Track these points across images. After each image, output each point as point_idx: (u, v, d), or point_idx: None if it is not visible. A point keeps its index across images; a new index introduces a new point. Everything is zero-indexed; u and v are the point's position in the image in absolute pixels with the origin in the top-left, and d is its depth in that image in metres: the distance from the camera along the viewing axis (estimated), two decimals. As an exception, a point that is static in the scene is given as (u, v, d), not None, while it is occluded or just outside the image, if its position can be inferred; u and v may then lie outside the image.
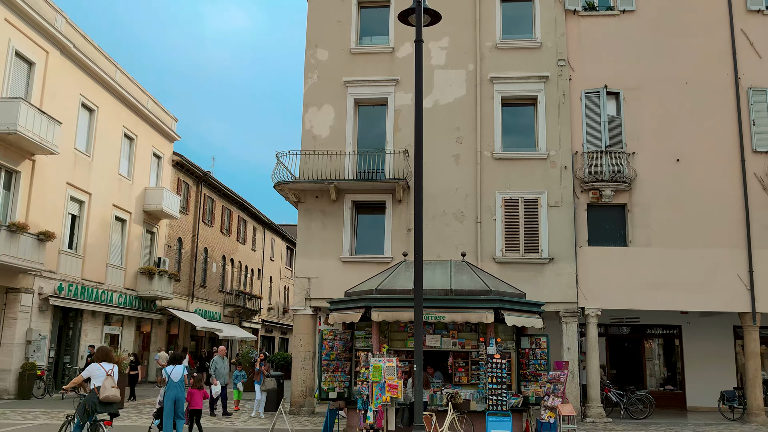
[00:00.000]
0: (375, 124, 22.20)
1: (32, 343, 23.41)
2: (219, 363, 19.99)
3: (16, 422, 16.68)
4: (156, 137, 34.44)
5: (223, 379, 19.79)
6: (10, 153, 22.47)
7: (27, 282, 23.44)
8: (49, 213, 24.75)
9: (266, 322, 53.00)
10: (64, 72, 25.72)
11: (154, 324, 34.72)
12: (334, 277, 20.74)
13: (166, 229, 35.56)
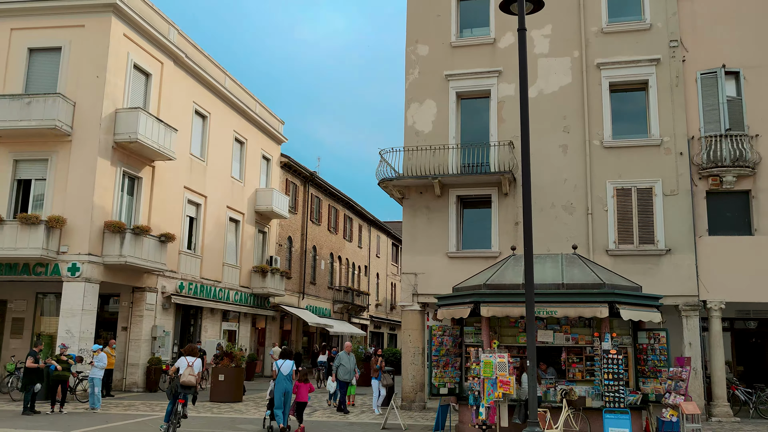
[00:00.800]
0: (478, 116, 21.96)
1: (157, 339, 24.79)
2: (345, 359, 19.47)
3: (145, 413, 17.73)
4: (264, 140, 35.61)
5: (350, 375, 19.44)
6: (132, 160, 23.88)
7: (151, 281, 24.85)
8: (169, 216, 26.12)
9: (374, 318, 53.70)
10: (178, 81, 27.04)
11: (269, 320, 35.95)
12: (440, 273, 20.69)
13: (276, 228, 36.70)
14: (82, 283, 21.24)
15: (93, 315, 21.68)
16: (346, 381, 19.39)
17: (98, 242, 21.91)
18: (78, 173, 21.88)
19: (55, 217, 21.15)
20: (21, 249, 20.78)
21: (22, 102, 21.64)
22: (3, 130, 21.82)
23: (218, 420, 16.92)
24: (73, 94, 22.35)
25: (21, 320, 24.66)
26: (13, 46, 23.09)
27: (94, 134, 22.10)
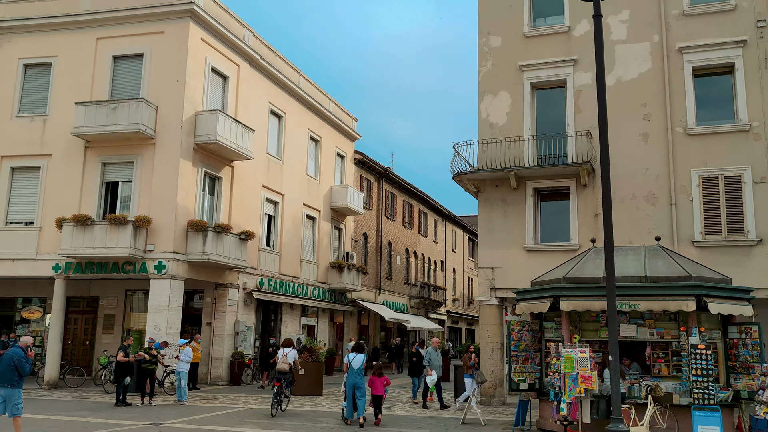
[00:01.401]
0: (553, 107, 21.51)
1: (240, 334, 25.48)
2: (433, 354, 19.11)
3: (230, 406, 18.26)
4: (338, 137, 36.00)
5: (439, 370, 19.11)
6: (212, 161, 24.60)
7: (233, 278, 25.56)
8: (248, 214, 26.78)
9: (452, 314, 53.50)
10: (253, 83, 27.66)
11: (346, 315, 36.38)
12: (518, 267, 20.40)
13: (351, 224, 37.07)
14: (168, 280, 22.06)
15: (179, 311, 22.48)
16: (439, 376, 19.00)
17: (182, 241, 22.69)
18: (162, 174, 22.70)
19: (142, 218, 22.02)
20: (111, 248, 21.74)
21: (108, 108, 22.61)
22: (92, 135, 22.87)
23: (299, 413, 17.25)
24: (155, 98, 23.19)
25: (112, 316, 25.87)
26: (99, 55, 24.15)
27: (175, 136, 22.88)
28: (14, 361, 11.51)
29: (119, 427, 14.01)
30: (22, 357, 11.59)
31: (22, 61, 24.77)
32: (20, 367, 11.46)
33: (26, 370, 11.58)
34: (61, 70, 24.37)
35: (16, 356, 11.56)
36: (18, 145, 24.10)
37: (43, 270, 23.16)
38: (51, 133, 23.91)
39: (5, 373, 11.47)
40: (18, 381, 11.51)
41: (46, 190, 23.65)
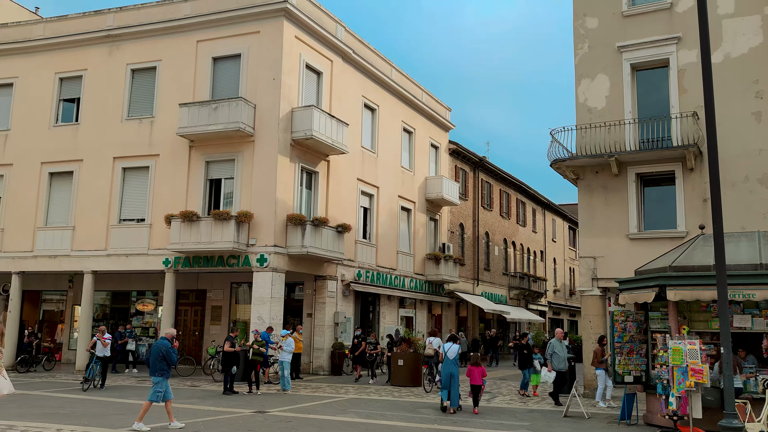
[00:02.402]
0: (656, 88, 20.54)
1: (339, 325, 25.95)
2: (557, 346, 17.86)
3: (331, 395, 18.63)
4: (432, 128, 35.89)
5: (564, 364, 17.85)
6: (308, 156, 25.10)
7: (331, 270, 26.03)
8: (345, 207, 27.18)
9: (553, 305, 52.38)
10: (347, 77, 27.98)
11: (444, 306, 36.32)
12: (621, 256, 19.67)
13: (447, 215, 36.92)
14: (270, 273, 22.72)
15: (281, 302, 23.13)
16: (561, 370, 17.80)
17: (282, 234, 23.31)
18: (261, 171, 23.38)
19: (244, 213, 22.78)
20: (215, 243, 22.62)
21: (209, 108, 23.49)
22: (195, 135, 23.84)
23: (399, 403, 17.37)
24: (253, 96, 23.88)
25: (219, 308, 26.96)
26: (199, 57, 25.11)
27: (273, 133, 23.48)
28: (162, 351, 12.41)
29: (227, 414, 14.57)
30: (169, 347, 12.53)
31: (130, 67, 26.11)
32: (168, 356, 12.39)
33: (173, 360, 12.51)
34: (165, 74, 25.52)
35: (164, 347, 12.49)
36: (128, 147, 25.45)
37: (155, 264, 24.39)
38: (158, 134, 25.10)
39: (155, 363, 12.41)
40: (167, 370, 12.42)
41: (155, 188, 24.87)
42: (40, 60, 27.41)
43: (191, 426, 12.71)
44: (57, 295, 30.19)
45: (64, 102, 27.19)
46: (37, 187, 26.46)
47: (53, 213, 26.34)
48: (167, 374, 12.45)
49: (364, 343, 23.30)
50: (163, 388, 12.34)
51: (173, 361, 12.56)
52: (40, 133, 26.85)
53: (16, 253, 26.22)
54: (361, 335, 23.63)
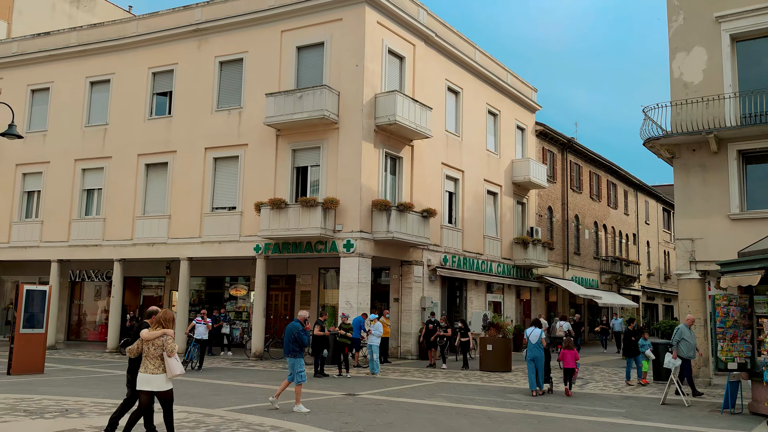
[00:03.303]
0: (759, 59, 19.30)
1: (426, 310, 25.91)
2: (686, 333, 16.55)
3: (419, 379, 18.63)
4: (517, 110, 35.16)
5: (693, 352, 16.67)
6: (392, 141, 25.09)
7: (417, 255, 26.00)
8: (429, 192, 27.04)
9: (646, 289, 50.57)
10: (429, 61, 27.73)
11: (533, 291, 35.68)
12: (721, 237, 18.67)
13: (535, 198, 36.16)
14: (357, 258, 22.92)
15: (368, 287, 23.31)
16: (690, 358, 16.59)
17: (368, 220, 23.44)
18: (346, 157, 23.55)
19: (330, 199, 23.03)
20: (303, 229, 22.99)
21: (295, 97, 23.82)
22: (282, 124, 24.24)
23: (488, 388, 17.19)
24: (337, 84, 24.04)
25: (308, 293, 27.48)
26: (284, 47, 25.47)
27: (357, 120, 23.59)
28: (294, 333, 12.71)
29: (319, 397, 14.81)
30: (300, 330, 12.80)
31: (218, 59, 26.79)
32: (299, 339, 12.66)
33: (305, 341, 12.76)
34: (252, 65, 26.04)
35: (296, 329, 12.79)
36: (218, 137, 26.17)
37: (246, 251, 25.06)
38: (246, 124, 25.69)
39: (287, 345, 12.79)
40: (299, 351, 12.74)
41: (245, 177, 25.49)
42: (134, 56, 28.55)
43: (287, 406, 12.98)
44: (155, 281, 31.57)
45: (157, 96, 28.23)
46: (135, 178, 27.64)
47: (150, 203, 27.47)
48: (299, 355, 12.71)
49: (438, 329, 22.96)
50: (301, 367, 12.62)
51: (304, 344, 12.73)
52: (136, 127, 28.01)
53: (117, 242, 27.54)
54: (433, 320, 23.26)
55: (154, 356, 8.88)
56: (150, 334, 8.92)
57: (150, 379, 8.82)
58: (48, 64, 30.25)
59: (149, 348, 8.89)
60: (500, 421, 12.33)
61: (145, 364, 8.90)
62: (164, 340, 8.88)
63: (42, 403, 12.63)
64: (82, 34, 29.90)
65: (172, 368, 8.83)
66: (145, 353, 8.93)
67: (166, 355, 8.84)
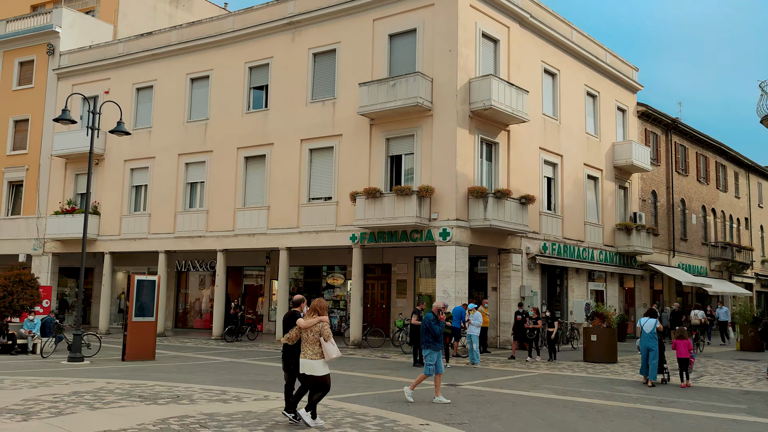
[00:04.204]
0: None
1: (526, 299, 25.29)
2: None
3: (521, 370, 18.14)
4: (618, 90, 33.69)
5: None
6: (487, 127, 24.54)
7: (515, 243, 25.40)
8: (527, 178, 26.32)
9: (761, 277, 47.62)
10: (524, 43, 26.93)
11: (637, 279, 34.24)
12: None
13: (638, 182, 34.63)
14: (453, 247, 22.61)
15: (465, 276, 22.96)
16: None
17: (464, 208, 23.06)
18: (440, 144, 23.24)
19: (425, 187, 22.80)
20: (398, 218, 22.88)
21: (388, 85, 23.68)
22: (375, 113, 24.18)
23: (594, 380, 16.55)
24: (430, 70, 23.72)
25: (404, 282, 27.42)
26: (376, 36, 25.37)
27: (451, 106, 23.21)
28: (425, 324, 12.62)
29: (420, 386, 14.63)
30: (431, 320, 12.64)
31: (311, 51, 27.01)
32: (431, 329, 12.46)
33: (436, 331, 12.52)
34: (344, 55, 26.10)
35: (427, 320, 12.68)
36: (313, 129, 26.43)
37: (342, 240, 25.22)
38: (340, 114, 25.80)
39: (422, 336, 12.69)
40: (431, 342, 12.50)
41: (339, 167, 25.63)
42: (231, 52, 29.22)
43: (386, 396, 12.90)
44: (256, 271, 32.38)
45: (254, 90, 28.81)
46: (235, 170, 28.35)
47: (250, 194, 28.12)
48: (433, 346, 12.48)
49: (528, 320, 22.01)
50: (433, 360, 12.42)
51: (435, 334, 12.49)
52: (234, 121, 28.70)
53: (219, 233, 28.37)
54: (522, 311, 22.40)
55: (313, 342, 9.63)
56: (308, 322, 9.66)
57: (306, 363, 9.63)
58: (151, 62, 31.46)
59: (307, 334, 9.65)
60: (611, 415, 11.78)
61: (304, 349, 9.69)
62: (321, 327, 9.62)
63: (155, 389, 13.09)
64: (181, 32, 30.91)
65: (329, 352, 9.60)
66: (303, 339, 9.69)
67: (323, 339, 9.56)
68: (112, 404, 11.29)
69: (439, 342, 12.60)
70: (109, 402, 11.51)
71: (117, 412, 10.58)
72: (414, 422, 10.44)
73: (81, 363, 18.15)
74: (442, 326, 12.69)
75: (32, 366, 17.49)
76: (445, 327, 19.38)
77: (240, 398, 12.27)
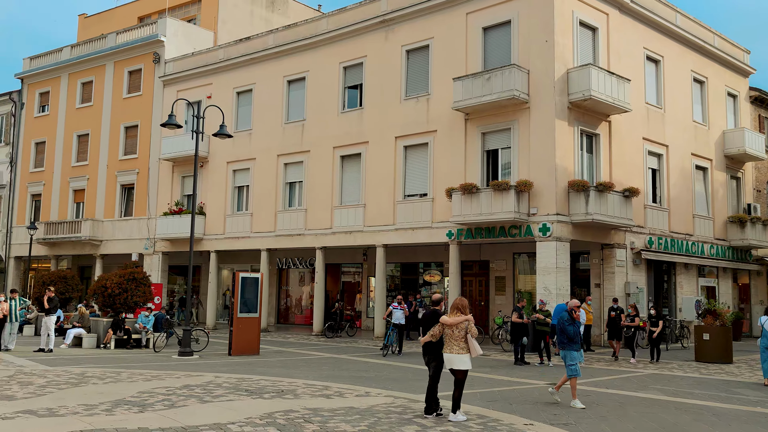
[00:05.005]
0: None
1: (631, 296, 24.33)
2: None
3: (628, 369, 17.46)
4: (727, 75, 31.84)
5: None
6: (587, 118, 23.76)
7: (618, 238, 24.47)
8: (630, 169, 25.31)
9: None
10: (625, 29, 25.88)
11: (752, 275, 32.28)
12: None
13: (752, 172, 32.68)
14: (553, 242, 22.04)
15: (567, 272, 22.34)
16: None
17: (564, 202, 22.44)
18: (538, 137, 22.71)
19: (523, 182, 22.34)
20: (496, 213, 22.52)
21: (482, 79, 23.35)
22: (470, 108, 23.90)
23: (708, 381, 15.71)
24: (526, 62, 23.22)
25: (503, 278, 26.98)
26: (469, 29, 25.07)
27: (549, 98, 22.63)
28: (559, 325, 12.18)
29: (521, 385, 14.39)
30: (565, 320, 12.04)
31: (405, 48, 27.01)
32: (564, 330, 11.99)
33: (569, 332, 11.93)
34: (438, 50, 25.94)
35: (561, 320, 12.11)
36: (407, 126, 26.43)
37: (438, 237, 25.10)
38: (434, 110, 25.67)
39: (558, 336, 12.30)
40: (567, 343, 11.95)
41: (435, 163, 25.51)
42: (325, 52, 29.66)
43: (487, 395, 12.71)
44: (353, 268, 32.77)
45: (349, 89, 29.13)
46: (331, 169, 28.78)
47: (346, 192, 28.47)
48: (569, 347, 11.93)
49: (624, 317, 20.96)
50: (573, 360, 11.89)
51: (569, 335, 11.92)
52: (330, 120, 29.12)
53: (318, 231, 28.88)
54: (616, 307, 21.34)
55: (459, 338, 10.13)
56: (453, 320, 10.15)
57: (455, 358, 10.14)
58: (250, 66, 32.41)
59: (453, 331, 10.15)
60: (728, 419, 11.11)
61: (450, 345, 10.18)
62: (468, 325, 10.16)
63: (260, 384, 13.46)
64: (278, 35, 31.66)
65: (475, 348, 10.19)
66: (448, 336, 10.19)
67: (470, 336, 10.13)
68: (220, 398, 11.68)
69: (575, 342, 11.96)
70: (217, 395, 11.91)
71: (225, 406, 10.93)
72: (518, 422, 10.22)
73: (190, 357, 18.93)
74: (577, 326, 12.08)
75: (146, 360, 18.39)
76: (542, 324, 19.05)
77: (342, 394, 12.41)
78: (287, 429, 9.24)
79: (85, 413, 10.01)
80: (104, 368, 15.83)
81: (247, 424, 9.47)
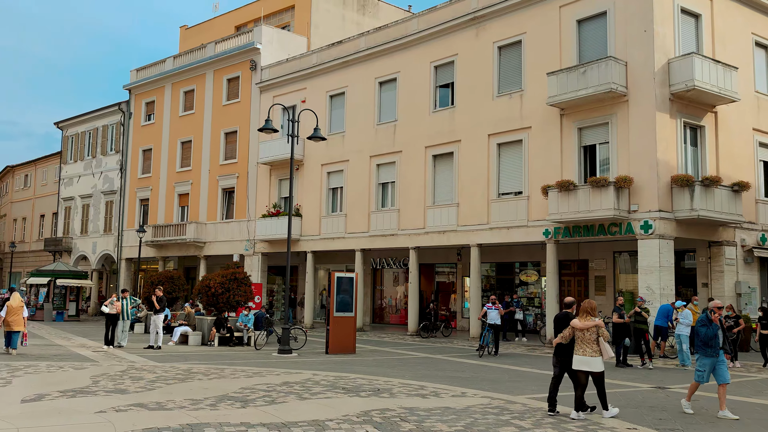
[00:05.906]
0: None
1: (743, 296, 23.03)
2: None
3: (741, 373, 16.52)
4: None
5: None
6: (691, 109, 22.68)
7: (728, 234, 23.21)
8: (739, 162, 23.98)
9: None
10: (730, 15, 24.53)
11: None
12: None
13: None
14: (656, 240, 21.17)
15: (671, 271, 21.41)
16: None
17: (666, 198, 21.51)
18: (638, 131, 21.88)
19: (623, 177, 21.57)
20: (594, 211, 21.86)
21: (578, 72, 22.73)
22: (565, 103, 23.32)
23: (831, 388, 14.63)
24: (623, 54, 22.42)
25: (602, 278, 26.17)
26: (563, 23, 24.45)
27: (648, 90, 21.76)
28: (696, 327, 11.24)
29: (625, 388, 13.90)
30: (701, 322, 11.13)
31: (496, 44, 26.66)
32: (698, 332, 11.08)
33: (701, 335, 10.99)
34: (530, 45, 25.45)
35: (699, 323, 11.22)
36: (500, 123, 26.08)
37: (535, 236, 24.62)
38: (528, 106, 25.21)
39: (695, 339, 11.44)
40: (701, 347, 11.06)
41: (529, 160, 25.04)
42: (416, 53, 29.70)
43: (588, 397, 12.33)
44: (447, 268, 32.65)
45: (440, 88, 29.05)
46: (423, 169, 28.79)
47: (439, 192, 28.40)
48: (703, 351, 11.00)
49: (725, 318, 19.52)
50: (704, 366, 10.98)
51: (703, 338, 10.95)
52: (421, 120, 29.15)
53: (411, 230, 28.96)
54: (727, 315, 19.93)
55: (590, 341, 10.28)
56: (584, 324, 10.31)
57: (588, 360, 10.27)
58: (342, 70, 32.90)
59: (584, 334, 10.31)
60: None
61: (582, 347, 10.33)
62: (599, 329, 10.30)
63: (356, 382, 13.63)
64: (369, 38, 31.99)
65: (607, 351, 10.37)
66: (580, 338, 10.35)
67: (602, 340, 10.27)
68: (318, 395, 11.92)
69: (711, 347, 10.94)
70: (315, 393, 12.16)
71: (323, 403, 11.13)
72: (620, 426, 9.88)
73: (289, 355, 19.42)
74: (714, 329, 10.98)
75: (247, 357, 19.01)
76: (640, 322, 18.26)
77: (438, 394, 12.38)
78: (384, 427, 9.31)
79: (191, 407, 10.45)
80: (209, 365, 16.49)
81: (344, 422, 9.61)
